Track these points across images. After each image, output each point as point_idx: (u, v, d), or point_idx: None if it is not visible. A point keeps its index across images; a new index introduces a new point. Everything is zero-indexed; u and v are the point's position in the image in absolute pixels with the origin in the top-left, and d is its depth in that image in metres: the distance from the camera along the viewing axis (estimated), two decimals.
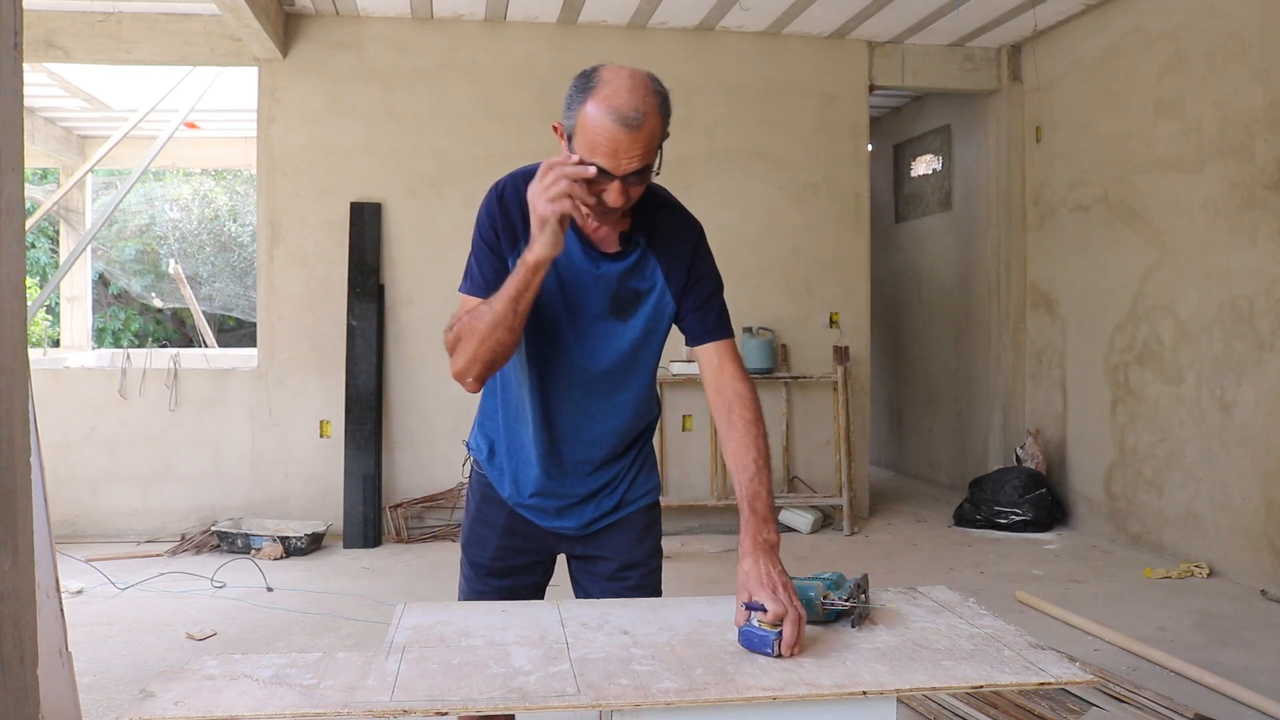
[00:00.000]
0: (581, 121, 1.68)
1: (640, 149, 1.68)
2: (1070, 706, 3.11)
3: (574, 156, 1.69)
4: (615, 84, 1.68)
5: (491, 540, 2.02)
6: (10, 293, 1.24)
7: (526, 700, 1.44)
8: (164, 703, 1.42)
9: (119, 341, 13.55)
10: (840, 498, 6.19)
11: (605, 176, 1.69)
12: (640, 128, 1.67)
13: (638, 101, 1.67)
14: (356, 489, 5.84)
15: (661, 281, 1.88)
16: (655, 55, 6.35)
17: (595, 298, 1.86)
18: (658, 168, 1.75)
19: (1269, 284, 4.73)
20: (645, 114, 1.67)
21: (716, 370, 1.89)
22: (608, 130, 1.66)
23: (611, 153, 1.67)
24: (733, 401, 1.86)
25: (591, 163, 1.67)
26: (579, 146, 1.70)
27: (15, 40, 1.23)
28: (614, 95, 1.66)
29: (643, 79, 1.71)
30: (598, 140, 1.67)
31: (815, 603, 1.72)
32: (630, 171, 1.69)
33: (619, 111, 1.65)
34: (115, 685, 3.48)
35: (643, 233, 1.87)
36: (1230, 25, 4.95)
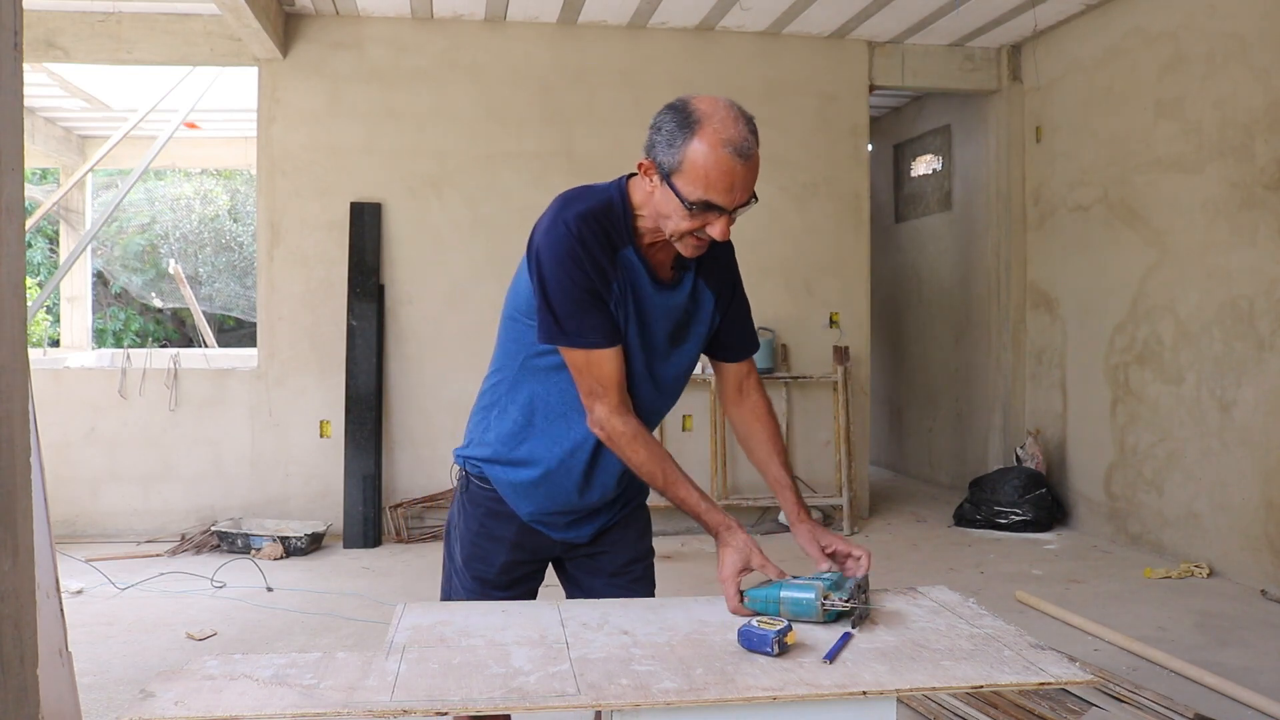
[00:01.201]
0: (691, 159, 1.67)
1: (752, 179, 1.70)
2: (1070, 706, 3.11)
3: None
4: (720, 117, 1.68)
5: (499, 556, 1.98)
6: (10, 293, 1.24)
7: (526, 700, 1.44)
8: (164, 703, 1.42)
9: (119, 341, 13.55)
10: (840, 498, 6.19)
11: (716, 210, 1.69)
12: (752, 157, 1.69)
13: (746, 132, 1.69)
14: (356, 489, 5.84)
15: (711, 302, 1.91)
16: (655, 55, 6.36)
17: (665, 328, 1.87)
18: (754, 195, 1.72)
19: (1269, 284, 4.73)
20: (753, 144, 1.70)
21: (744, 377, 2.01)
22: (727, 164, 1.66)
23: (729, 187, 1.67)
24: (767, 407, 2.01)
25: (706, 201, 1.67)
26: (690, 183, 1.67)
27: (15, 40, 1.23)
28: (723, 129, 1.67)
29: (738, 109, 1.72)
30: (715, 176, 1.65)
31: (815, 603, 1.73)
32: (741, 204, 1.71)
33: (734, 144, 1.66)
34: (115, 685, 3.48)
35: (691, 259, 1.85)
36: (1230, 25, 4.95)
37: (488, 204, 6.18)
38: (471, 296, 6.12)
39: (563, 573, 2.10)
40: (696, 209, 1.68)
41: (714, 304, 1.91)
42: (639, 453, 1.79)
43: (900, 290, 8.39)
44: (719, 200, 1.67)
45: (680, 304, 1.86)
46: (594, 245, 1.74)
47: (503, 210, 6.19)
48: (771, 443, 1.96)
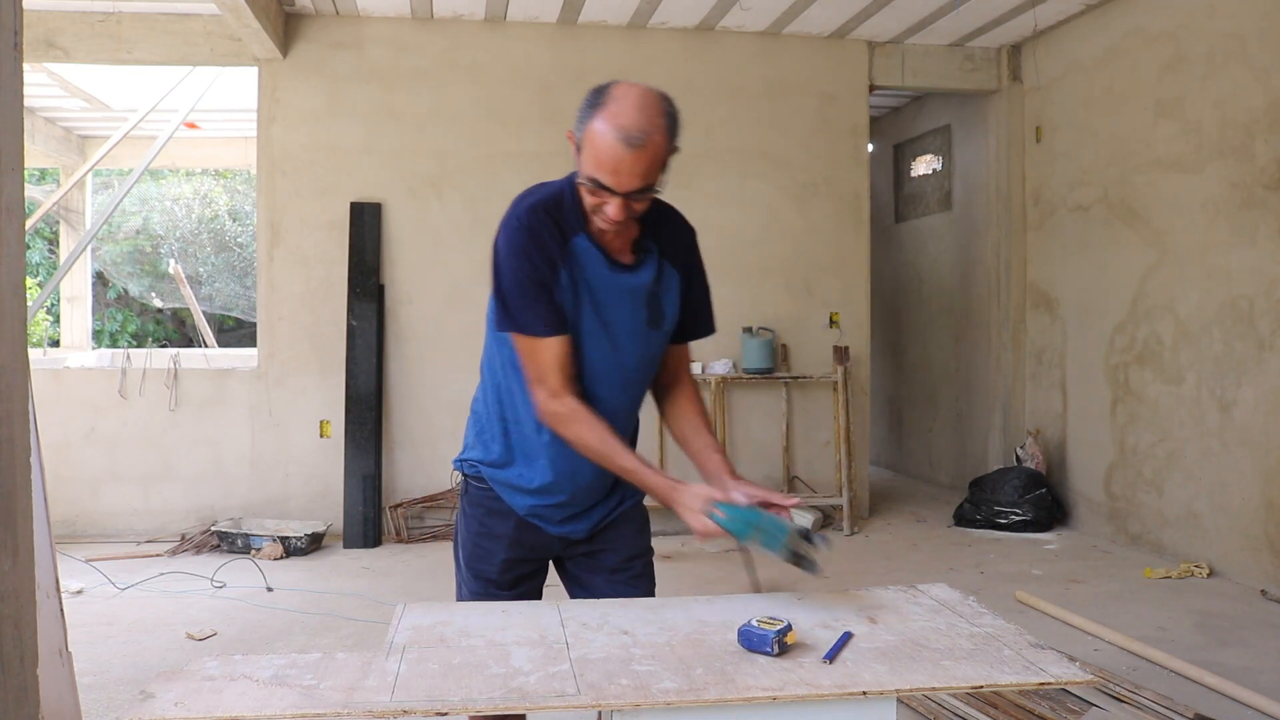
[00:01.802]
0: (589, 136, 1.73)
1: (643, 168, 1.71)
2: (1070, 706, 3.11)
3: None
4: (624, 102, 1.72)
5: (499, 553, 2.01)
6: (10, 293, 1.24)
7: (526, 700, 1.44)
8: (164, 703, 1.42)
9: (116, 343, 13.55)
10: (840, 498, 6.19)
11: (608, 192, 1.73)
12: (643, 148, 1.70)
13: (644, 122, 1.70)
14: (356, 489, 5.84)
15: (679, 284, 1.96)
16: (655, 55, 6.36)
17: (632, 310, 1.89)
18: (661, 185, 1.78)
19: (1269, 284, 4.73)
20: (650, 134, 1.71)
21: (681, 361, 2.06)
22: (612, 149, 1.70)
23: (614, 170, 1.71)
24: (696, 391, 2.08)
25: (595, 179, 1.72)
26: (585, 159, 1.75)
27: (15, 40, 1.23)
28: (621, 114, 1.71)
29: (654, 99, 1.75)
30: (602, 157, 1.71)
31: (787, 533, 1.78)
32: (631, 190, 1.73)
33: (624, 131, 1.69)
34: (115, 685, 3.48)
35: (653, 239, 1.92)
36: (1230, 25, 4.95)
37: (488, 204, 6.18)
38: (471, 296, 6.12)
39: (564, 572, 2.12)
40: (591, 185, 1.74)
41: (680, 285, 1.97)
42: (578, 431, 1.84)
43: (900, 290, 8.39)
44: (606, 181, 1.72)
45: (644, 284, 1.90)
46: (542, 234, 1.82)
47: (502, 210, 6.15)
48: (701, 418, 2.01)
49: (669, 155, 1.77)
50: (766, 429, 6.47)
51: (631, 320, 1.90)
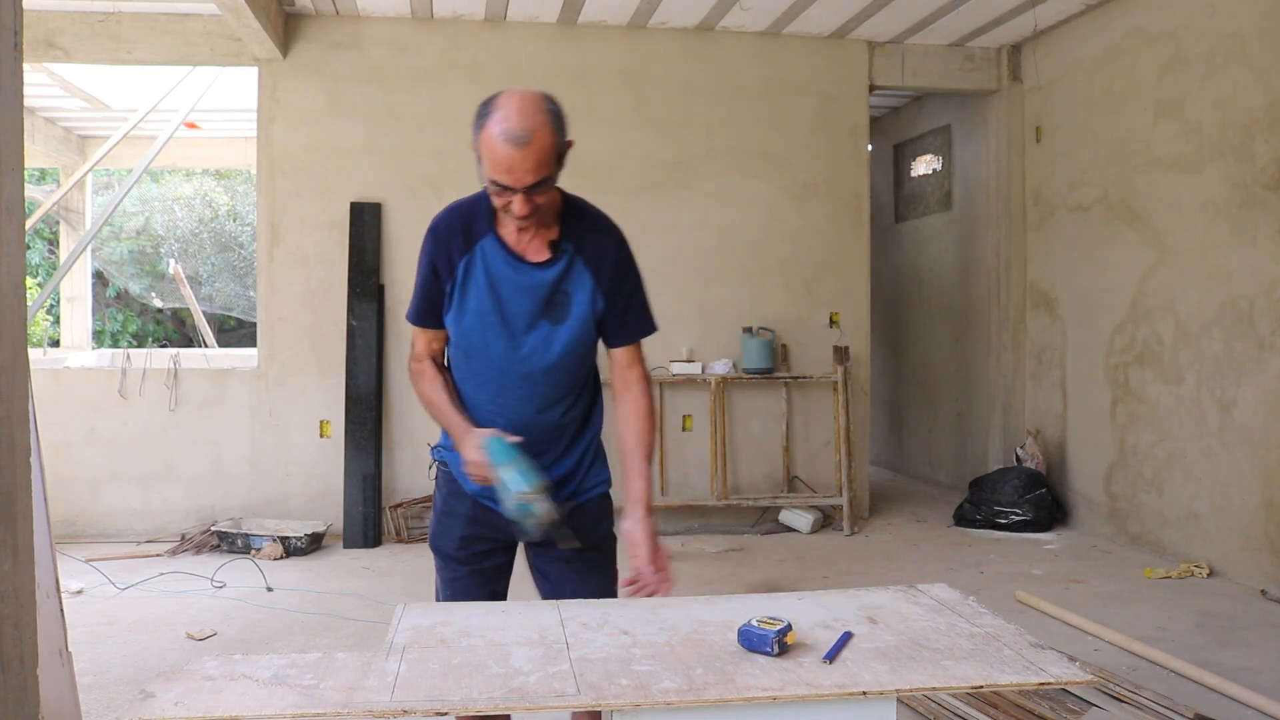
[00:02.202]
0: (482, 144, 1.90)
1: (533, 163, 1.87)
2: (1070, 706, 3.11)
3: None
4: (507, 108, 1.89)
5: (456, 530, 2.16)
6: (10, 293, 1.24)
7: (526, 700, 1.44)
8: (164, 703, 1.42)
9: (117, 343, 13.55)
10: (840, 498, 6.19)
11: (509, 190, 1.89)
12: (530, 144, 1.86)
13: (527, 121, 1.87)
14: (356, 489, 5.84)
15: (591, 284, 2.07)
16: (655, 55, 6.36)
17: (529, 305, 2.05)
18: (556, 176, 1.95)
19: (1269, 284, 4.73)
20: (534, 131, 1.87)
21: (628, 365, 2.15)
22: (502, 150, 1.86)
23: (508, 169, 1.87)
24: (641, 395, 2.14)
25: (494, 181, 1.89)
26: (484, 165, 1.91)
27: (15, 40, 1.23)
28: (505, 118, 1.87)
29: (533, 99, 1.92)
30: (496, 159, 1.87)
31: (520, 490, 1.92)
32: (528, 185, 1.88)
33: (509, 133, 1.85)
34: (115, 685, 3.48)
35: (570, 240, 2.06)
36: (1230, 25, 4.95)
37: None
38: None
39: (530, 561, 2.22)
40: (494, 188, 1.92)
41: (593, 284, 2.07)
42: (419, 384, 2.16)
43: (900, 290, 8.39)
44: (503, 181, 1.89)
45: (547, 281, 2.04)
46: (444, 235, 2.08)
47: None
48: (638, 438, 2.11)
49: (559, 148, 1.94)
50: (766, 429, 6.48)
51: (530, 313, 2.05)
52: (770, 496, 6.30)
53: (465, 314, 2.06)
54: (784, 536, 6.09)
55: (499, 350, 2.06)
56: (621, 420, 2.14)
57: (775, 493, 6.38)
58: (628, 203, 6.29)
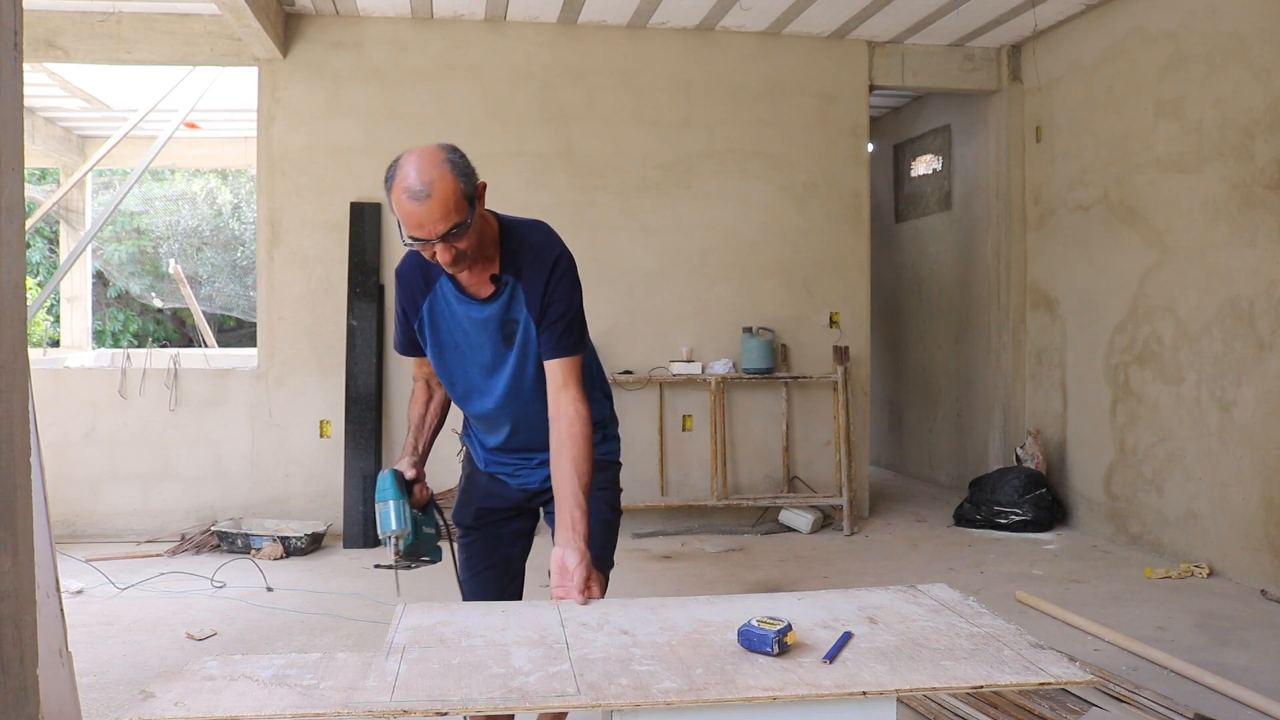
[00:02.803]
0: (394, 205, 1.98)
1: (440, 213, 1.94)
2: (1070, 706, 3.11)
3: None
4: (406, 168, 1.97)
5: (474, 503, 2.40)
6: (10, 293, 1.24)
7: (526, 700, 1.44)
8: (164, 703, 1.42)
9: (117, 343, 13.55)
10: (840, 498, 6.19)
11: (426, 242, 1.97)
12: (430, 196, 1.93)
13: (425, 175, 1.94)
14: (356, 489, 5.84)
15: (525, 309, 2.16)
16: (655, 55, 6.36)
17: (483, 338, 2.18)
18: (470, 219, 1.99)
19: (1269, 284, 4.73)
20: (433, 183, 1.94)
21: (558, 388, 2.14)
22: (406, 207, 1.94)
23: (418, 224, 1.95)
24: (569, 422, 2.10)
25: (413, 236, 1.96)
26: (400, 224, 1.99)
27: (15, 40, 1.22)
28: (405, 177, 1.95)
29: (431, 153, 2.00)
30: (405, 216, 1.96)
31: (387, 529, 2.14)
32: (441, 234, 1.95)
33: (410, 189, 1.94)
34: (115, 685, 3.48)
35: (510, 271, 2.14)
36: (1230, 25, 4.95)
37: (488, 204, 6.16)
38: None
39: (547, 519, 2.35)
40: (413, 242, 1.99)
41: (525, 306, 2.16)
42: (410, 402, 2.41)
43: (900, 290, 8.39)
44: (418, 234, 1.97)
45: (493, 314, 2.16)
46: (406, 278, 2.24)
47: (502, 210, 6.16)
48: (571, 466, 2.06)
49: (465, 192, 1.99)
50: (766, 429, 6.48)
51: (485, 343, 2.19)
52: (770, 496, 6.30)
53: (440, 348, 2.23)
54: (784, 536, 6.09)
55: (474, 378, 2.24)
56: (554, 445, 2.10)
57: (775, 493, 6.38)
58: (627, 202, 6.30)
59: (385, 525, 2.13)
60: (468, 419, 2.39)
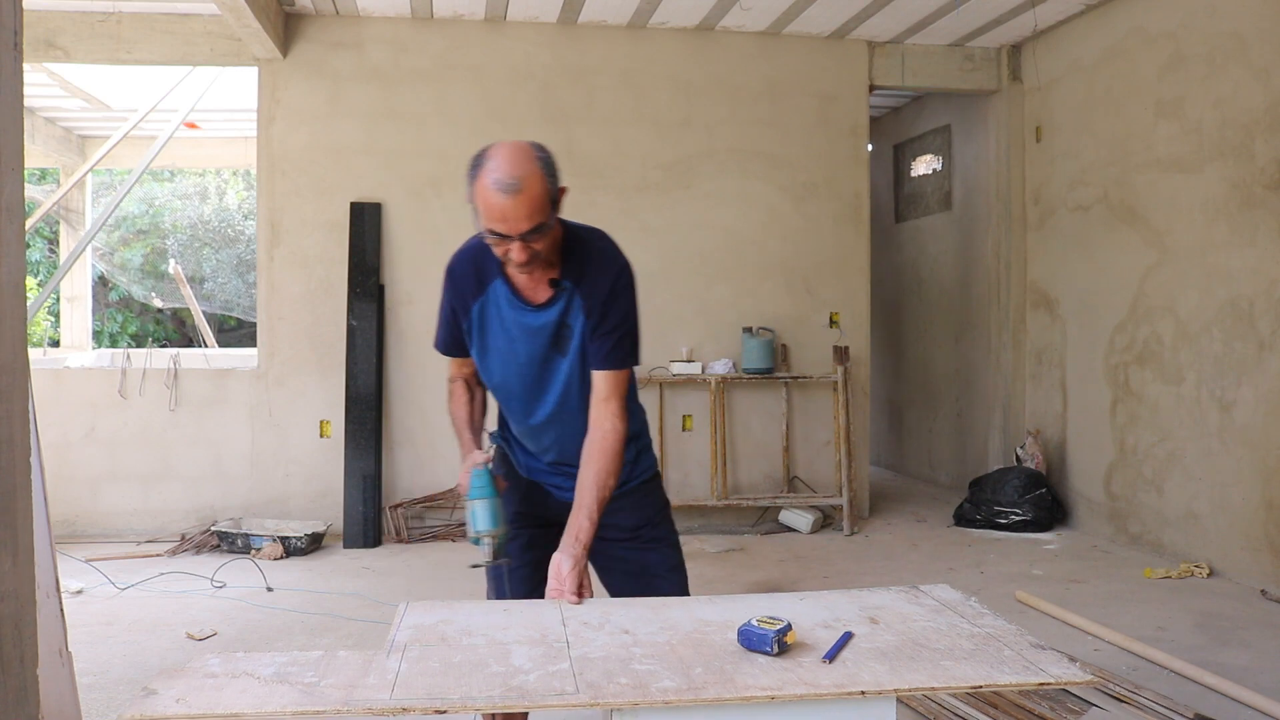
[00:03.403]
0: (476, 195, 1.95)
1: (526, 210, 1.92)
2: (1070, 706, 3.11)
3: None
4: (497, 158, 1.94)
5: (511, 506, 2.27)
6: (10, 293, 1.24)
7: (525, 698, 1.44)
8: (166, 700, 1.42)
9: (116, 343, 13.54)
10: (840, 498, 6.19)
11: (505, 238, 1.94)
12: (521, 192, 1.91)
13: (516, 170, 1.92)
14: (356, 489, 5.84)
15: (582, 319, 2.12)
16: (655, 55, 6.36)
17: (533, 346, 2.14)
18: (552, 222, 1.98)
19: (1269, 284, 4.73)
20: (524, 179, 1.92)
21: (601, 401, 2.12)
22: (495, 199, 1.91)
23: (501, 218, 1.92)
24: (608, 433, 2.10)
25: (490, 230, 1.94)
26: (480, 216, 1.96)
27: (15, 40, 1.23)
28: (496, 169, 1.92)
29: (523, 149, 1.97)
30: (490, 208, 1.93)
31: (475, 527, 2.07)
32: (523, 232, 1.93)
33: (500, 182, 1.91)
34: (115, 685, 3.48)
35: (571, 277, 2.11)
36: (1230, 25, 4.95)
37: None
38: None
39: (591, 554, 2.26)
40: (491, 236, 1.97)
41: (583, 315, 2.12)
42: (449, 400, 2.33)
43: (900, 290, 8.39)
44: (499, 229, 1.94)
45: (548, 322, 2.12)
46: (459, 277, 2.20)
47: None
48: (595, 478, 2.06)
49: (551, 194, 1.97)
50: (766, 429, 6.48)
51: (536, 350, 2.14)
52: (770, 496, 6.30)
53: (485, 352, 2.18)
54: (784, 536, 6.09)
55: (522, 385, 2.18)
56: (585, 455, 2.10)
57: (775, 493, 6.38)
58: (627, 202, 6.30)
59: (481, 524, 2.07)
60: (508, 423, 2.34)
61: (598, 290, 2.11)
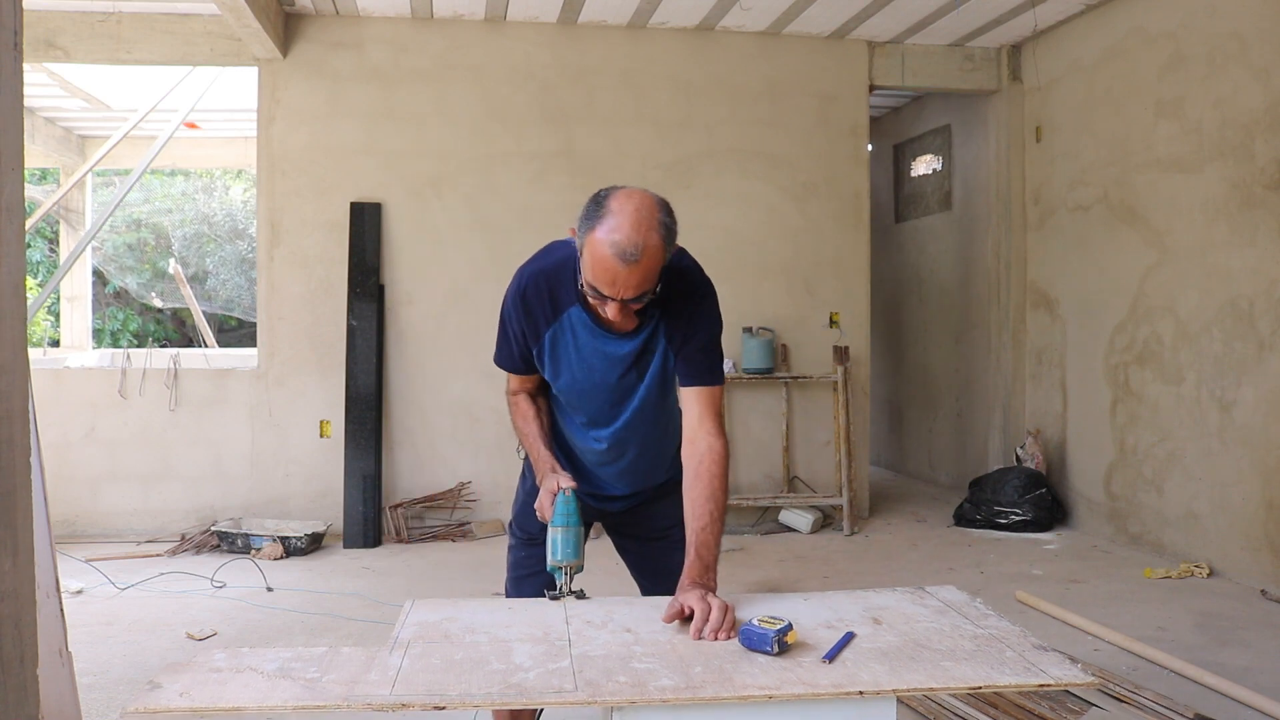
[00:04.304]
0: (588, 246, 1.83)
1: (637, 280, 1.82)
2: (1070, 707, 3.11)
3: (559, 479, 2.02)
4: (621, 217, 1.80)
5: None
6: (10, 293, 1.24)
7: (524, 696, 1.44)
8: (170, 694, 1.42)
9: (117, 342, 13.54)
10: (840, 498, 6.19)
11: (607, 299, 1.85)
12: (638, 263, 1.80)
13: (639, 238, 1.79)
14: (356, 489, 5.84)
15: (664, 341, 2.06)
16: (655, 55, 6.36)
17: (612, 371, 2.07)
18: (657, 289, 1.88)
19: (1269, 284, 4.73)
20: (644, 250, 1.80)
21: (696, 420, 2.05)
22: (608, 263, 1.80)
23: (610, 282, 1.82)
24: (705, 454, 2.00)
25: (594, 287, 1.85)
26: (585, 265, 1.85)
27: (15, 40, 1.23)
28: (617, 229, 1.79)
29: (649, 211, 1.83)
30: (600, 270, 1.82)
31: (552, 558, 1.99)
32: (628, 298, 1.85)
33: (619, 246, 1.78)
34: (115, 685, 3.48)
35: (657, 306, 1.99)
36: (1230, 25, 4.95)
37: (488, 204, 6.19)
38: (472, 296, 6.13)
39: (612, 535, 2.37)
40: (592, 291, 1.87)
41: (665, 340, 2.06)
42: (512, 413, 2.25)
43: (900, 290, 8.39)
44: (605, 291, 1.84)
45: (629, 352, 2.05)
46: (533, 300, 2.06)
47: (503, 210, 6.19)
48: (700, 504, 1.95)
49: (667, 259, 1.87)
50: (766, 429, 6.48)
51: (613, 376, 2.08)
52: (770, 496, 6.30)
53: (558, 376, 2.10)
54: (784, 536, 6.09)
55: (595, 406, 2.13)
56: (691, 476, 2.00)
57: (775, 493, 6.38)
58: None
59: (563, 554, 1.98)
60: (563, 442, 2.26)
61: (684, 315, 2.04)
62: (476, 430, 6.14)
